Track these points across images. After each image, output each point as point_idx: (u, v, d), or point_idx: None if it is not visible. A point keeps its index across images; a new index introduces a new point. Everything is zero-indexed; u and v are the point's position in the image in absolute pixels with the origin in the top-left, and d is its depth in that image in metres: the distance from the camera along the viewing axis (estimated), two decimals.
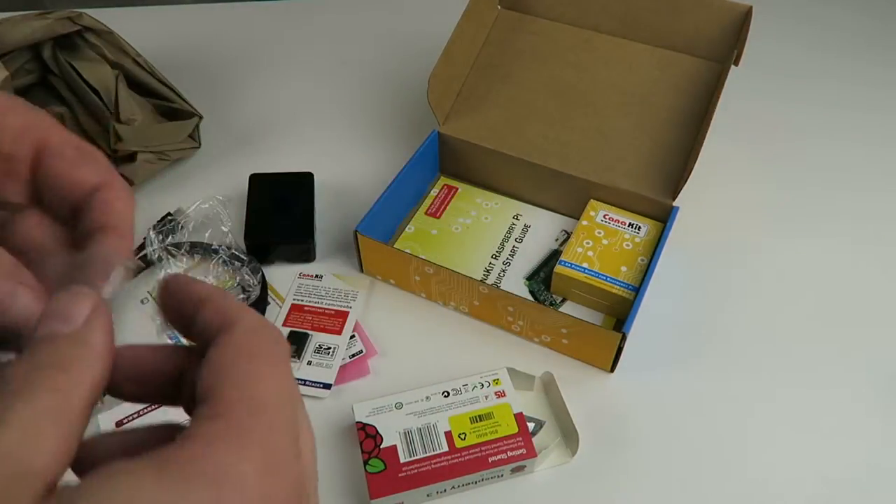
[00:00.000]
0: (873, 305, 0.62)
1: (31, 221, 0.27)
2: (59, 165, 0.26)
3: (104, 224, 0.25)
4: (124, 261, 0.25)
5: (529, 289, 0.62)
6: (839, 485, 0.51)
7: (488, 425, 0.50)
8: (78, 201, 0.26)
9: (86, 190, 0.26)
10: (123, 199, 0.26)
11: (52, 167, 0.26)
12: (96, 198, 0.26)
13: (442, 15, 0.75)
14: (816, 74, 0.87)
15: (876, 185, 0.74)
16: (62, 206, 0.26)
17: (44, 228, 0.27)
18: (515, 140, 0.66)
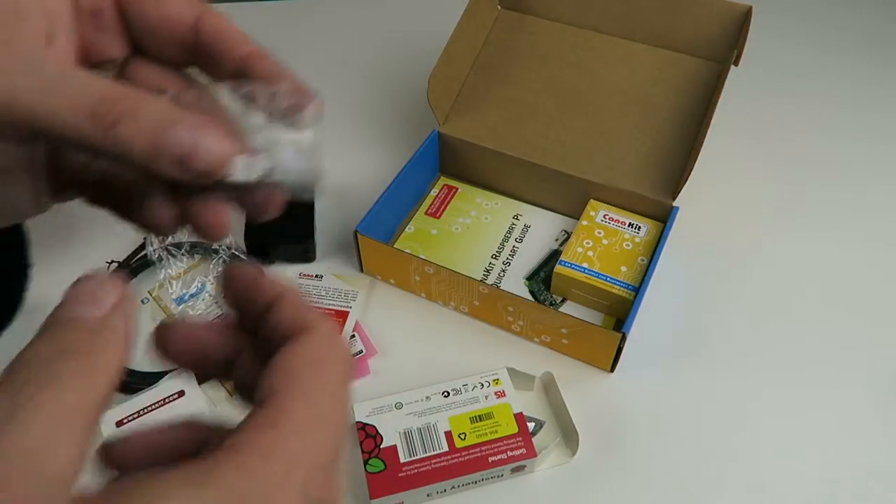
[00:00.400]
0: (874, 304, 0.62)
1: (142, 71, 0.26)
2: (147, 7, 0.25)
3: (245, 54, 0.25)
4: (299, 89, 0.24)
5: (529, 289, 0.62)
6: (839, 485, 0.51)
7: (488, 425, 0.50)
8: (182, 37, 0.25)
9: (186, 25, 0.25)
10: (227, 23, 0.25)
11: (141, 11, 0.25)
12: (205, 30, 0.25)
13: (442, 15, 0.75)
14: (816, 73, 0.87)
15: (876, 184, 0.74)
16: (167, 48, 0.25)
17: (158, 74, 0.26)
18: (515, 140, 0.66)
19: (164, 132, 0.21)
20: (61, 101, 0.20)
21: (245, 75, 0.25)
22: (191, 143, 0.21)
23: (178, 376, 0.53)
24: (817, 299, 0.63)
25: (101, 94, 0.21)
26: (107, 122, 0.20)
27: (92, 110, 0.20)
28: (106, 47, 0.25)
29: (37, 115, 0.20)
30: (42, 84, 0.21)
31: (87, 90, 0.21)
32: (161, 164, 0.21)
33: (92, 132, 0.20)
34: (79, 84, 0.21)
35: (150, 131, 0.21)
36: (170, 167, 0.21)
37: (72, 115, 0.20)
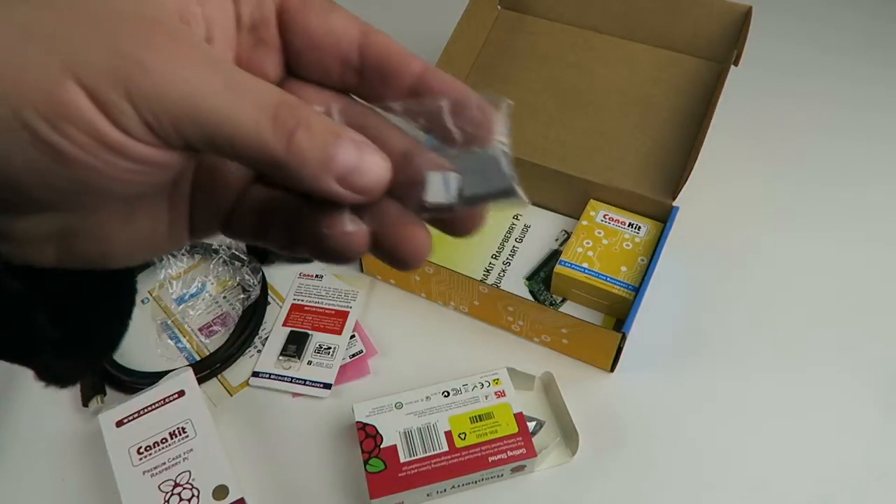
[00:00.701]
0: (875, 304, 0.62)
1: (296, 92, 0.23)
2: (313, 19, 0.22)
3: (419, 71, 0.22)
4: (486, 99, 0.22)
5: (529, 289, 0.62)
6: (840, 485, 0.51)
7: (488, 425, 0.50)
8: (346, 55, 0.23)
9: (352, 41, 0.22)
10: (394, 42, 0.23)
11: (306, 23, 0.22)
12: (372, 48, 0.23)
13: (442, 15, 0.75)
14: (816, 73, 0.87)
15: (876, 183, 0.74)
16: (329, 66, 0.23)
17: (313, 95, 0.24)
18: (515, 140, 0.66)
19: (334, 144, 0.19)
20: (244, 104, 0.19)
21: (417, 95, 0.23)
22: (355, 157, 0.19)
23: (177, 376, 0.53)
24: (817, 299, 0.63)
25: (279, 98, 0.19)
26: (288, 130, 0.19)
27: (275, 114, 0.19)
28: (262, 65, 0.23)
29: (220, 119, 0.18)
30: (222, 82, 0.19)
31: (267, 92, 0.19)
32: (324, 182, 0.19)
33: (274, 141, 0.19)
34: (256, 85, 0.19)
35: (322, 143, 0.19)
36: (328, 185, 0.19)
37: (255, 119, 0.19)
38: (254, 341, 0.58)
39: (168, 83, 0.18)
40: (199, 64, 0.19)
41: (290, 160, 0.19)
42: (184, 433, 0.50)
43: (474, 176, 0.22)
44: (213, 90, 0.18)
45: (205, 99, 0.18)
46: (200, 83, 0.18)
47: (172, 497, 0.47)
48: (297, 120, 0.19)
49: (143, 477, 0.48)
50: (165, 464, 0.49)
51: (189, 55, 0.19)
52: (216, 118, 0.18)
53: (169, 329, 0.59)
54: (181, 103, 0.18)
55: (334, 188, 0.20)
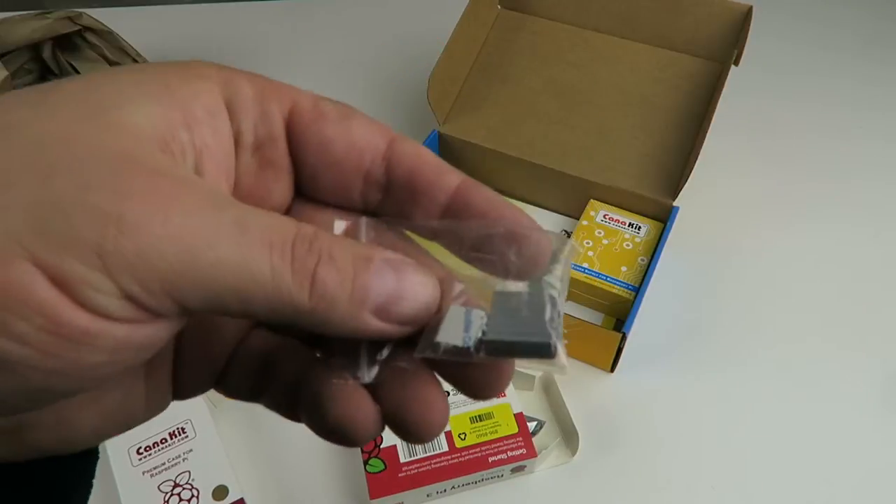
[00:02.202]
0: (875, 304, 0.62)
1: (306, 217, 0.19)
2: (330, 131, 0.18)
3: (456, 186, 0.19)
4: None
5: None
6: (840, 485, 0.51)
7: (488, 425, 0.50)
8: (368, 170, 0.19)
9: (377, 154, 0.19)
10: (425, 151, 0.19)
11: (322, 136, 0.18)
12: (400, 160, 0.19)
13: (442, 15, 0.74)
14: (816, 73, 0.87)
15: (877, 183, 0.74)
16: (349, 184, 0.19)
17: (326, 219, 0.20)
18: (515, 140, 0.66)
19: (366, 271, 0.16)
20: (254, 247, 0.15)
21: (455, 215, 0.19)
22: (394, 282, 0.16)
23: None
24: (818, 299, 0.63)
25: (294, 231, 0.15)
26: (308, 270, 0.15)
27: (292, 253, 0.15)
28: (269, 191, 0.19)
29: (226, 272, 0.14)
30: (227, 223, 0.15)
31: (279, 227, 0.15)
32: (360, 321, 0.16)
33: (294, 287, 0.15)
34: (265, 220, 0.15)
35: (351, 274, 0.16)
36: (367, 321, 0.16)
37: (268, 265, 0.15)
38: None
39: (157, 239, 0.14)
40: (195, 206, 0.14)
41: (316, 306, 0.15)
42: (183, 433, 0.50)
43: (505, 318, 0.17)
44: (216, 236, 0.14)
45: (207, 250, 0.14)
46: (199, 231, 0.14)
47: (172, 497, 0.47)
48: (318, 253, 0.15)
49: (142, 477, 0.48)
50: (165, 464, 0.48)
51: (180, 197, 0.14)
52: (221, 272, 0.14)
53: None
54: (176, 262, 0.14)
55: (373, 325, 0.16)
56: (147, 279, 0.14)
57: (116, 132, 0.15)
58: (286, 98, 0.18)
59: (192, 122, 0.17)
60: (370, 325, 0.16)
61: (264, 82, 0.18)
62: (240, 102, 0.18)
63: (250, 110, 0.18)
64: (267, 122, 0.18)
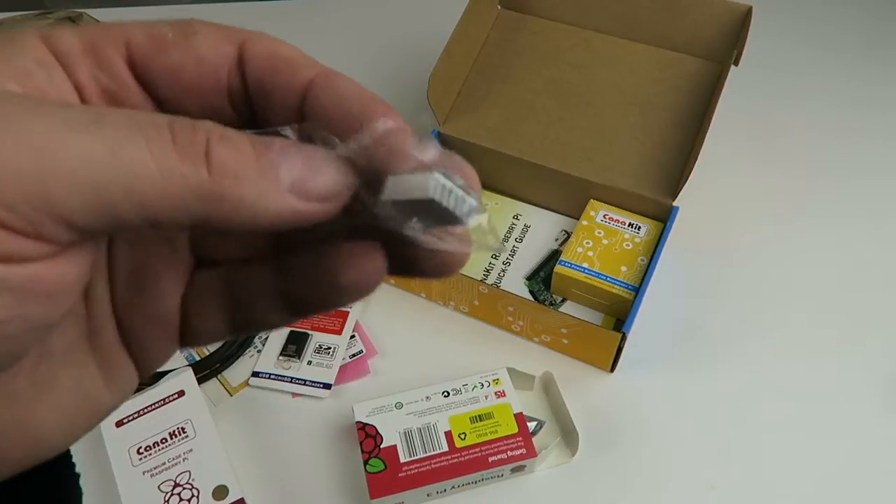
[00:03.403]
0: (876, 304, 0.62)
1: None
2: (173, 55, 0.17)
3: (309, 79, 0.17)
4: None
5: (529, 289, 0.62)
6: (840, 485, 0.51)
7: (488, 425, 0.50)
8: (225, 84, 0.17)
9: (229, 63, 0.17)
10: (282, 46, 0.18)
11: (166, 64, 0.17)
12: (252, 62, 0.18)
13: (442, 15, 0.74)
14: (816, 73, 0.87)
15: (877, 183, 0.74)
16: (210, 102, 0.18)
17: None
18: (515, 140, 0.66)
19: (268, 150, 0.14)
20: (127, 139, 0.13)
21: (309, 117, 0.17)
22: (301, 159, 0.15)
23: (177, 376, 0.53)
24: (818, 299, 0.63)
25: (166, 118, 0.14)
26: (199, 151, 0.14)
27: (175, 135, 0.14)
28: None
29: (105, 175, 0.13)
30: (85, 122, 0.13)
31: (143, 115, 0.14)
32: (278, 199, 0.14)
33: (190, 172, 0.13)
34: (123, 111, 0.14)
35: (252, 153, 0.14)
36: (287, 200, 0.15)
37: (150, 153, 0.13)
38: (254, 341, 0.58)
39: (11, 154, 0.12)
40: (41, 112, 0.13)
41: (220, 187, 0.14)
42: (184, 433, 0.50)
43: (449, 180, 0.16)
44: (72, 133, 0.13)
45: (64, 148, 0.12)
46: (50, 134, 0.12)
47: (172, 497, 0.47)
48: (206, 133, 0.14)
49: (142, 477, 0.48)
50: (165, 464, 0.49)
51: (20, 107, 0.13)
52: (92, 172, 0.13)
53: None
54: (36, 171, 0.12)
55: (294, 204, 0.15)
56: (12, 200, 0.12)
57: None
58: (119, 38, 0.17)
59: (23, 74, 0.15)
60: (290, 203, 0.15)
61: (92, 30, 0.17)
62: (70, 56, 0.16)
63: (82, 61, 0.16)
64: (108, 69, 0.16)
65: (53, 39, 0.16)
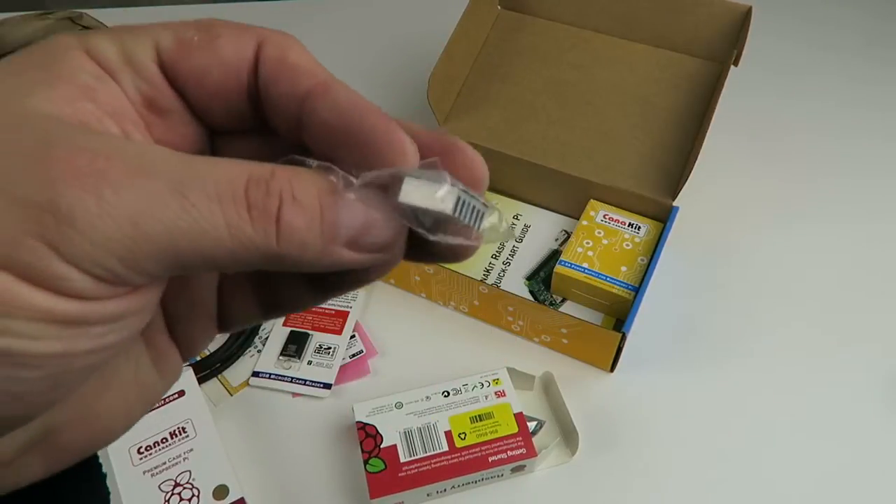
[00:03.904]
0: (876, 303, 0.62)
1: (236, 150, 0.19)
2: (200, 60, 0.18)
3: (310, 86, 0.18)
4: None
5: (529, 289, 0.62)
6: (840, 484, 0.51)
7: (488, 425, 0.50)
8: (246, 87, 0.18)
9: (249, 68, 0.18)
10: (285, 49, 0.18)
11: (192, 69, 0.18)
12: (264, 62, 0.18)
13: (442, 15, 0.75)
14: (816, 73, 0.87)
15: (877, 183, 0.74)
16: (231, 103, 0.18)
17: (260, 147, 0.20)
18: (515, 140, 0.66)
19: (332, 206, 0.15)
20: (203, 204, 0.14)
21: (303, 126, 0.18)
22: (363, 213, 0.16)
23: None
24: (818, 299, 0.63)
25: (244, 174, 0.15)
26: (270, 214, 0.15)
27: (247, 200, 0.15)
28: (182, 136, 0.18)
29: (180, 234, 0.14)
30: (164, 184, 0.14)
31: (226, 173, 0.15)
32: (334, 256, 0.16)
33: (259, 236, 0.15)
34: (208, 169, 0.15)
35: (317, 212, 0.15)
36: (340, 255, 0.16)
37: (224, 218, 0.14)
38: (254, 341, 0.58)
39: (96, 219, 0.13)
40: (124, 176, 0.14)
41: (285, 250, 0.15)
42: (184, 433, 0.50)
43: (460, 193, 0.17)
44: (158, 203, 0.14)
45: (152, 220, 0.14)
46: (140, 202, 0.14)
47: (172, 497, 0.47)
48: (279, 195, 0.15)
49: (143, 477, 0.48)
50: (166, 464, 0.49)
51: (107, 170, 0.14)
52: (174, 239, 0.14)
53: None
54: (124, 238, 0.14)
55: (347, 258, 0.16)
56: (103, 259, 0.14)
57: (27, 123, 0.14)
58: (148, 42, 0.17)
59: (89, 91, 0.16)
60: (343, 258, 0.16)
61: (123, 33, 0.17)
62: (114, 65, 0.17)
63: (124, 70, 0.17)
64: (145, 77, 0.17)
65: (95, 51, 0.17)
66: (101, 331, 0.15)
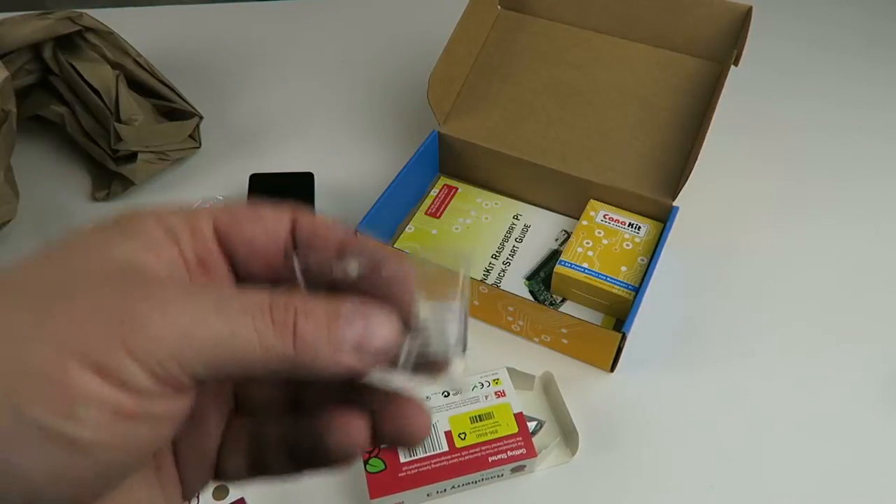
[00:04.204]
0: (875, 303, 0.62)
1: None
2: (247, 228, 0.22)
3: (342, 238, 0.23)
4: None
5: (529, 289, 0.62)
6: (841, 485, 0.51)
7: (488, 425, 0.50)
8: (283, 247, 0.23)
9: (286, 232, 0.23)
10: (317, 216, 0.23)
11: (243, 235, 0.22)
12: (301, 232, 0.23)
13: (442, 15, 0.75)
14: (816, 73, 0.87)
15: (876, 183, 0.74)
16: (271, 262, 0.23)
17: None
18: (515, 140, 0.66)
19: (338, 319, 0.19)
20: (237, 317, 0.19)
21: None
22: (363, 323, 0.20)
23: None
24: (818, 299, 0.63)
25: (269, 298, 0.19)
26: (288, 326, 0.19)
27: (268, 319, 0.19)
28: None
29: (220, 341, 0.18)
30: (210, 306, 0.19)
31: (254, 297, 0.19)
32: (342, 361, 0.19)
33: (279, 343, 0.19)
34: (242, 295, 0.19)
35: (327, 323, 0.19)
36: (347, 361, 0.19)
37: (253, 328, 0.19)
38: None
39: (162, 328, 0.18)
40: (185, 299, 0.19)
41: (300, 356, 0.19)
42: None
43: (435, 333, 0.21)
44: (205, 317, 0.18)
45: (200, 328, 0.18)
46: (192, 316, 0.18)
47: None
48: (294, 311, 0.19)
49: None
50: None
51: (174, 294, 0.19)
52: (216, 341, 0.18)
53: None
54: (181, 341, 0.18)
55: (352, 363, 0.19)
56: (163, 360, 0.18)
57: (112, 264, 0.19)
58: (209, 218, 0.22)
59: (155, 248, 0.21)
60: (350, 362, 0.19)
61: (192, 214, 0.22)
62: (178, 233, 0.21)
63: (186, 237, 0.21)
64: (202, 243, 0.22)
65: (164, 219, 0.21)
66: (146, 428, 0.18)
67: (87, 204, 0.69)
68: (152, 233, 0.21)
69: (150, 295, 0.18)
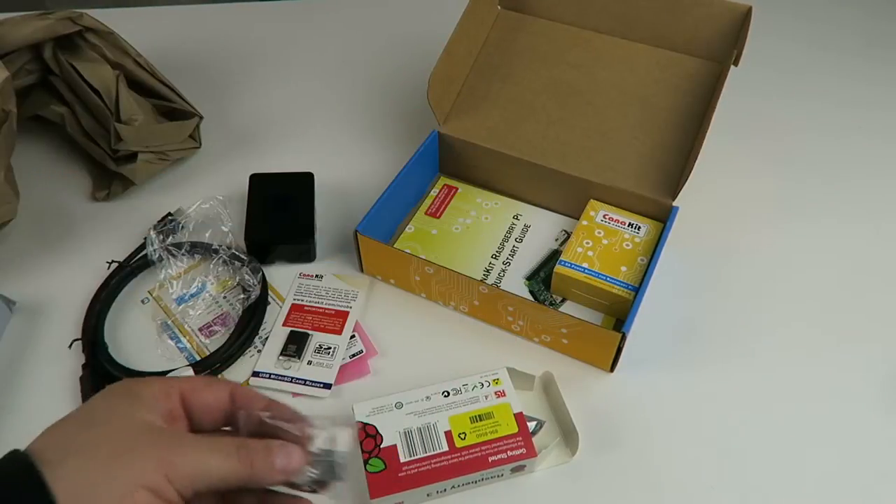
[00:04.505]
0: (874, 303, 0.62)
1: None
2: (203, 395, 0.35)
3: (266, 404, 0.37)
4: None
5: (529, 289, 0.62)
6: (841, 485, 0.51)
7: (488, 425, 0.50)
8: (225, 409, 0.36)
9: (228, 398, 0.36)
10: (247, 389, 0.37)
11: (201, 399, 0.35)
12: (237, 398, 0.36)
13: (442, 15, 0.75)
14: (816, 73, 0.87)
15: (876, 183, 0.74)
16: (217, 418, 0.36)
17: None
18: (515, 140, 0.66)
19: (273, 456, 0.34)
20: (223, 456, 0.32)
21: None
22: (286, 458, 0.34)
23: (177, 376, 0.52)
24: (818, 299, 0.63)
25: (238, 443, 0.33)
26: (248, 460, 0.33)
27: (238, 454, 0.33)
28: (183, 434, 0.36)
29: (212, 469, 0.32)
30: (205, 448, 0.32)
31: (230, 443, 0.33)
32: (273, 477, 0.34)
33: (244, 470, 0.33)
34: (221, 442, 0.33)
35: (268, 458, 0.33)
36: (278, 477, 0.34)
37: (231, 462, 0.32)
38: (254, 341, 0.59)
39: (184, 466, 0.31)
40: (192, 446, 0.32)
41: (254, 475, 0.33)
42: None
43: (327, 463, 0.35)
44: (207, 458, 0.32)
45: (204, 462, 0.32)
46: (199, 455, 0.32)
47: None
48: (252, 451, 0.33)
49: None
50: None
51: (186, 442, 0.33)
52: (211, 469, 0.32)
53: (169, 329, 0.59)
54: (195, 471, 0.32)
55: (280, 477, 0.34)
56: (184, 484, 0.31)
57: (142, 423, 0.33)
58: (177, 389, 0.35)
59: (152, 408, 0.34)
60: (278, 477, 0.34)
61: (163, 382, 0.35)
62: (158, 397, 0.34)
63: (162, 400, 0.34)
64: (172, 405, 0.35)
65: (151, 390, 0.34)
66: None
67: (87, 204, 0.69)
68: (148, 399, 0.34)
69: (173, 445, 0.32)
